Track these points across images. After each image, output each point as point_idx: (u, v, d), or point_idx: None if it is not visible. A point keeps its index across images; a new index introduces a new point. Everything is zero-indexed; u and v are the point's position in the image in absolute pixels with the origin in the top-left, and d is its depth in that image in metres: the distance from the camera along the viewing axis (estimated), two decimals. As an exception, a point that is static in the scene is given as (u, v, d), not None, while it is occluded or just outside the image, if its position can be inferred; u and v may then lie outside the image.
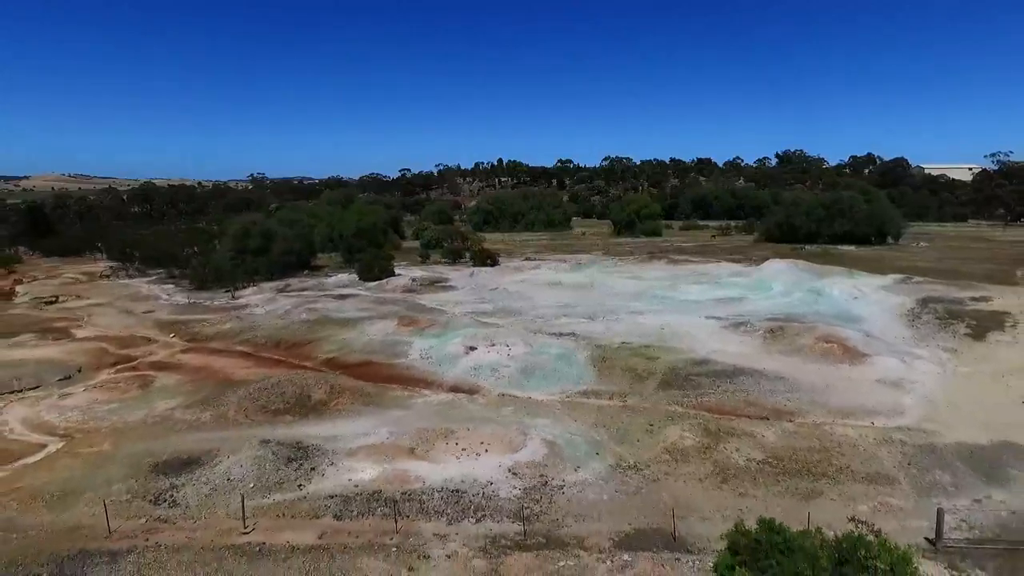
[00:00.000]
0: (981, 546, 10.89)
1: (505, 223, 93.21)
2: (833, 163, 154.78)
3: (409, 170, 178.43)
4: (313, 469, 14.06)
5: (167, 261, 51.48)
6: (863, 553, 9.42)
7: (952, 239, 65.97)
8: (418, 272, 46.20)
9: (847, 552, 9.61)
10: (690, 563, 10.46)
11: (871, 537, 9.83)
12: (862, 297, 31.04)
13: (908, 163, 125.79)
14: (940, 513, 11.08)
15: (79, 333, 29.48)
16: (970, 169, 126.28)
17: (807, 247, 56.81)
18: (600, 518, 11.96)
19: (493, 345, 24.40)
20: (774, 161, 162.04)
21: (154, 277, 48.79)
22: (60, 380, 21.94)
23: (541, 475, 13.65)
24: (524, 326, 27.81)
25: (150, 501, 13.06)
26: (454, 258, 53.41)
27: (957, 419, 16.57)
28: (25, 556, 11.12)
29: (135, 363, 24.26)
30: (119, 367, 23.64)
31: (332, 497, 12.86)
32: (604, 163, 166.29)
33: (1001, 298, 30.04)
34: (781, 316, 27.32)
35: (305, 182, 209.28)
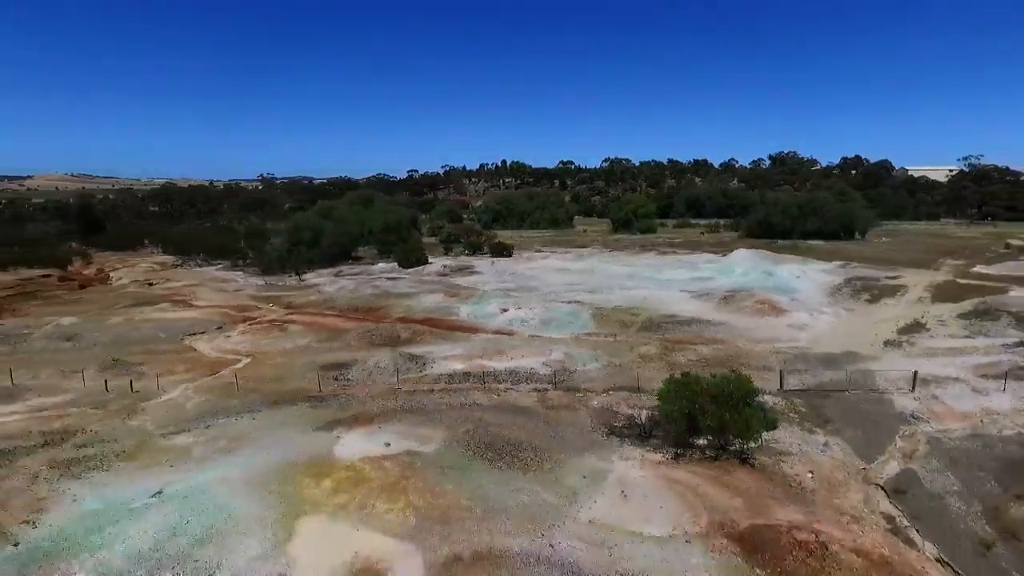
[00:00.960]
0: (802, 390, 20.41)
1: (512, 221, 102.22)
2: (825, 164, 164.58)
3: (417, 171, 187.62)
4: (424, 364, 23.61)
5: (228, 253, 61.00)
6: (729, 379, 18.90)
7: (914, 235, 75.50)
8: (446, 261, 55.76)
9: (722, 380, 19.08)
10: (645, 396, 19.93)
11: (734, 375, 19.28)
12: (803, 276, 40.61)
13: (891, 165, 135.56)
14: (781, 373, 20.62)
15: (197, 303, 38.99)
16: (950, 171, 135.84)
17: (779, 241, 66.32)
18: (596, 382, 21.48)
19: (520, 308, 33.93)
20: (768, 163, 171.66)
21: (220, 265, 58.28)
22: (216, 329, 31.46)
23: (563, 366, 23.17)
24: (541, 297, 37.34)
25: (332, 379, 22.56)
26: (474, 250, 62.96)
27: (828, 342, 26.14)
28: (279, 397, 20.57)
29: (257, 320, 33.76)
30: (249, 322, 33.13)
31: (441, 375, 22.39)
32: (604, 164, 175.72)
33: (908, 277, 39.64)
34: (734, 288, 36.91)
35: (315, 182, 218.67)
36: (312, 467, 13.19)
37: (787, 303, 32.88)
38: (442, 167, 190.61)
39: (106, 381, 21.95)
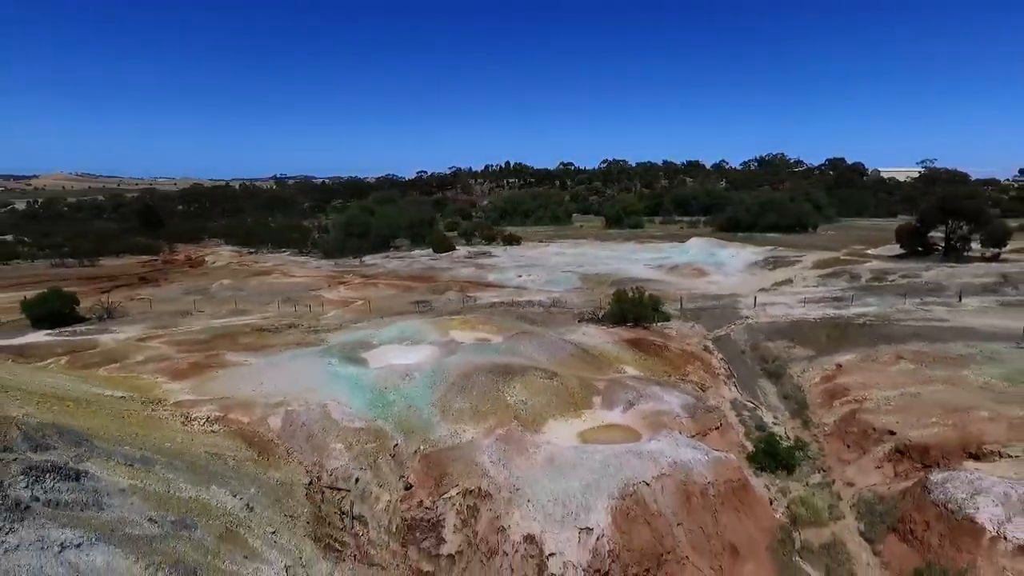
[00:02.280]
0: (692, 308, 37.27)
1: (517, 219, 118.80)
2: (812, 165, 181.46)
3: (426, 171, 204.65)
4: (476, 300, 40.51)
5: (290, 243, 78.02)
6: (643, 296, 35.69)
7: (858, 229, 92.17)
8: (469, 249, 72.71)
9: (639, 295, 35.90)
10: (603, 310, 36.76)
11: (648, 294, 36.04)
12: (736, 256, 57.52)
13: (864, 167, 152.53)
14: (681, 299, 37.52)
15: (296, 275, 55.85)
16: (919, 172, 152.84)
17: (740, 234, 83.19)
18: (576, 305, 38.36)
19: (530, 275, 50.86)
20: (757, 164, 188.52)
21: (287, 252, 75.23)
22: (327, 287, 48.32)
23: (558, 300, 40.07)
24: (545, 269, 54.26)
25: (422, 306, 39.41)
26: (489, 241, 79.96)
27: (725, 289, 43.02)
28: (396, 312, 37.35)
29: (349, 282, 50.56)
30: (345, 284, 49.94)
31: (487, 304, 39.25)
32: (602, 165, 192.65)
33: (811, 255, 56.49)
34: (681, 263, 53.85)
35: (324, 182, 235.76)
36: (443, 321, 29.91)
37: (712, 270, 49.88)
38: (449, 168, 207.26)
39: (295, 306, 38.94)
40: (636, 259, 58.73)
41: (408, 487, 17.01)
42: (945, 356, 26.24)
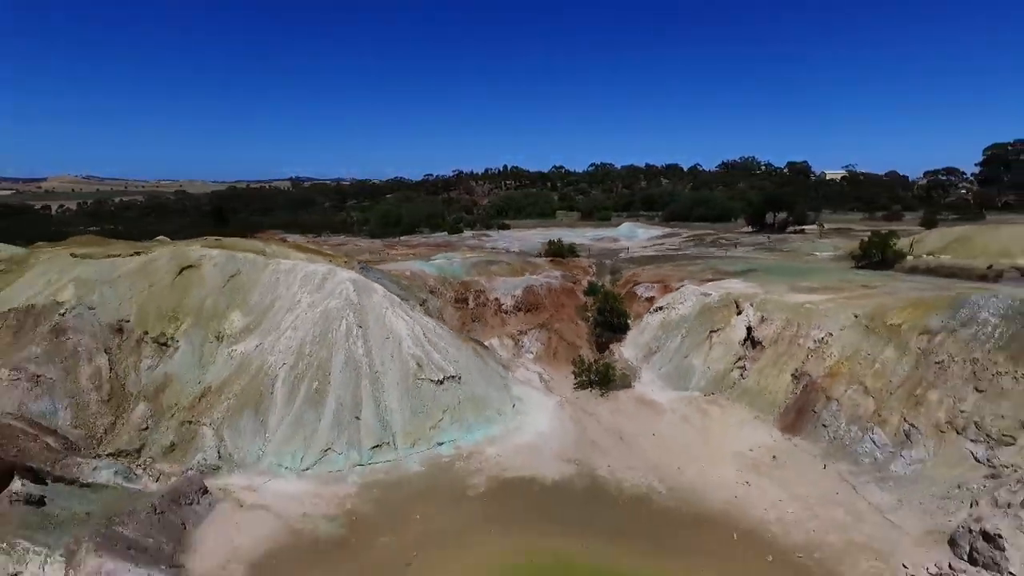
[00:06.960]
0: (595, 253, 73.19)
1: (511, 214, 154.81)
2: (775, 167, 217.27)
3: (432, 174, 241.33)
4: (481, 251, 76.73)
5: (342, 229, 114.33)
6: (563, 243, 71.61)
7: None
8: (474, 232, 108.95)
9: (560, 243, 71.78)
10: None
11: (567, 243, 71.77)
12: (647, 232, 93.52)
13: (809, 167, 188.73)
14: (589, 249, 73.51)
15: (362, 244, 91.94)
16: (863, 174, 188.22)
17: (673, 222, 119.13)
18: (532, 253, 74.44)
19: (514, 244, 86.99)
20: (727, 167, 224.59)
21: (341, 236, 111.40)
22: (388, 250, 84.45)
23: (524, 251, 76.13)
24: (523, 242, 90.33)
25: (449, 251, 75.57)
26: (487, 228, 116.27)
27: (621, 247, 79.06)
28: (435, 254, 73.39)
29: (398, 248, 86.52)
30: (394, 249, 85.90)
31: (489, 250, 75.42)
32: (590, 168, 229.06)
33: (691, 231, 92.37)
34: (607, 236, 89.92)
35: (339, 183, 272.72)
36: (462, 253, 65.75)
37: (624, 240, 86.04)
38: (453, 171, 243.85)
39: (377, 254, 75.18)
40: (583, 235, 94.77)
41: (456, 291, 52.98)
42: (688, 264, 62.01)
